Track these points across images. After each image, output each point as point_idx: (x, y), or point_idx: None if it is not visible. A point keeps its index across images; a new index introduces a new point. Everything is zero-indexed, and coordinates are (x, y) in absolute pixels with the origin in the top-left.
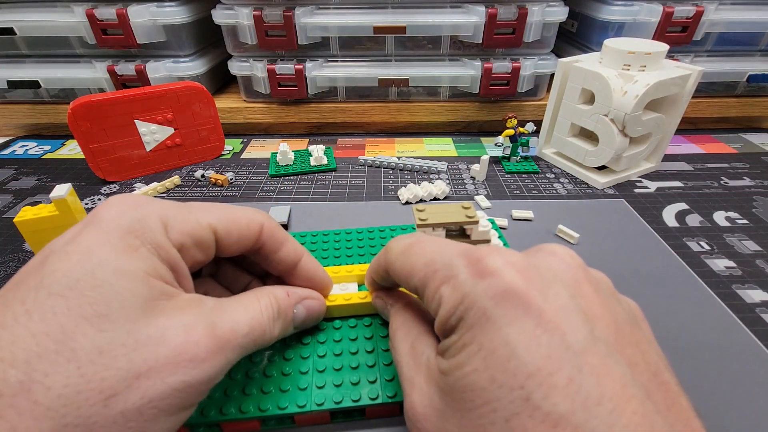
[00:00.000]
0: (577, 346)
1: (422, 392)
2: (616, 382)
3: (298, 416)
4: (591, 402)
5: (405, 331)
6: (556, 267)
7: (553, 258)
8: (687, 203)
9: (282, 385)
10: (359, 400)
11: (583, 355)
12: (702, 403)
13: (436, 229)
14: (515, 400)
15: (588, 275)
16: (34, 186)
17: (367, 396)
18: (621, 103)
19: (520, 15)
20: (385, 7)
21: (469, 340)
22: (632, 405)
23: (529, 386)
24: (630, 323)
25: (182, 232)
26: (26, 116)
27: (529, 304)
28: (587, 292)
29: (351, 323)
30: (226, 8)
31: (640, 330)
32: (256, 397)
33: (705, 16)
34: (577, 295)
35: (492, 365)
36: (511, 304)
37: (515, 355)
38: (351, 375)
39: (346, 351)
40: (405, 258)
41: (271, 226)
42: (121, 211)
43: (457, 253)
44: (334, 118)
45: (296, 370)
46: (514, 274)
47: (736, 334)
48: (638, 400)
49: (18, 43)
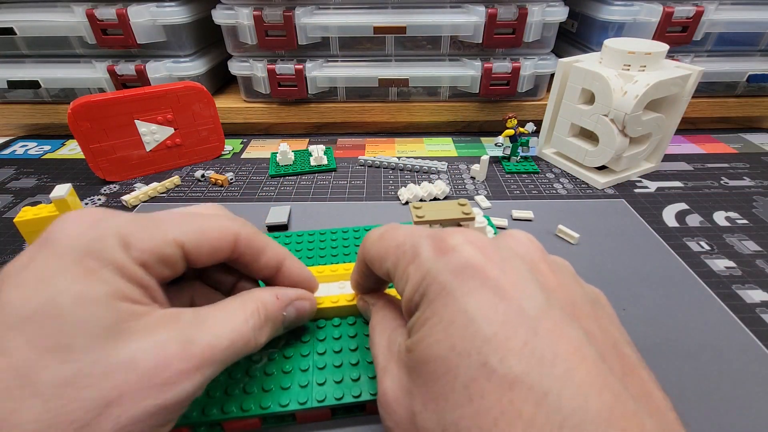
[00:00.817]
0: (533, 312)
1: (393, 376)
2: (571, 344)
3: (300, 413)
4: (545, 363)
5: (383, 326)
6: (515, 247)
7: (512, 240)
8: (687, 203)
9: (283, 383)
10: (360, 396)
11: (538, 320)
12: (702, 403)
13: (433, 225)
14: (473, 365)
15: (546, 257)
16: (34, 186)
17: (368, 392)
18: (621, 103)
19: (520, 15)
20: (385, 7)
21: (431, 313)
22: (586, 365)
23: (486, 351)
24: (590, 302)
25: (143, 250)
26: (26, 116)
27: (487, 276)
28: (545, 270)
29: (350, 321)
30: (226, 8)
31: (602, 308)
32: (258, 395)
33: (705, 16)
34: (535, 271)
35: (452, 334)
36: (470, 276)
37: (473, 323)
38: (351, 371)
39: (345, 348)
40: (379, 243)
41: (247, 235)
42: (76, 232)
43: (424, 235)
44: (334, 118)
45: (297, 367)
46: (473, 250)
47: (736, 334)
48: (592, 362)
49: (18, 43)
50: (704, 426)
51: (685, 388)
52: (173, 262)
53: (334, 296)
